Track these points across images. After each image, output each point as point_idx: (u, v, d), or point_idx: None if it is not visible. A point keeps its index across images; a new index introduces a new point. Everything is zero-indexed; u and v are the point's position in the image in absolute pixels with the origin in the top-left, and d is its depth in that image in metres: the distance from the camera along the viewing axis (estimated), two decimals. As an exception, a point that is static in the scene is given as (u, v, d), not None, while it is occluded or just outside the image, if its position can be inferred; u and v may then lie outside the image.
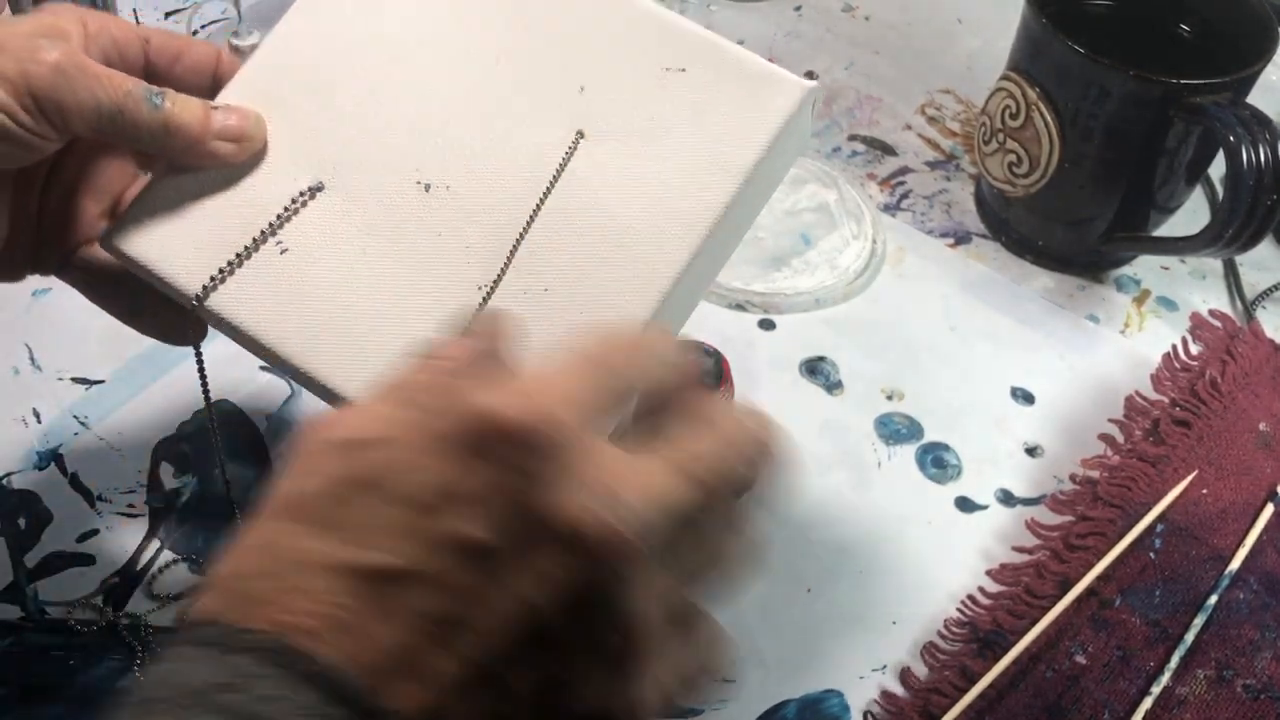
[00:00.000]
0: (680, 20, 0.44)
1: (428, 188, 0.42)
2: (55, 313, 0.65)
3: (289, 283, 0.42)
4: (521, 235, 0.41)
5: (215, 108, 0.42)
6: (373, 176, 0.42)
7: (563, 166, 0.42)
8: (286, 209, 0.42)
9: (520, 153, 0.42)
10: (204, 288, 0.42)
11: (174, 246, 0.42)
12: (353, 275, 0.41)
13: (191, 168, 0.43)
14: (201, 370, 0.46)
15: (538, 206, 0.41)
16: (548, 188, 0.41)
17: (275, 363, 0.43)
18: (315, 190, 0.43)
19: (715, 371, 0.56)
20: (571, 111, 0.42)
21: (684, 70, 0.43)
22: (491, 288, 0.40)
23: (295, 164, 0.43)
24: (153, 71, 0.43)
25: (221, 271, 0.42)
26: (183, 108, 0.41)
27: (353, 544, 0.28)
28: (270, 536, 0.29)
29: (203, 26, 0.84)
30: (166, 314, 0.45)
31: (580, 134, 0.42)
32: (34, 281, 0.67)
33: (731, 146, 0.41)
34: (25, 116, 0.38)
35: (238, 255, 0.42)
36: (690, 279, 0.41)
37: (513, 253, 0.41)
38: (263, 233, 0.42)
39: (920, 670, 0.55)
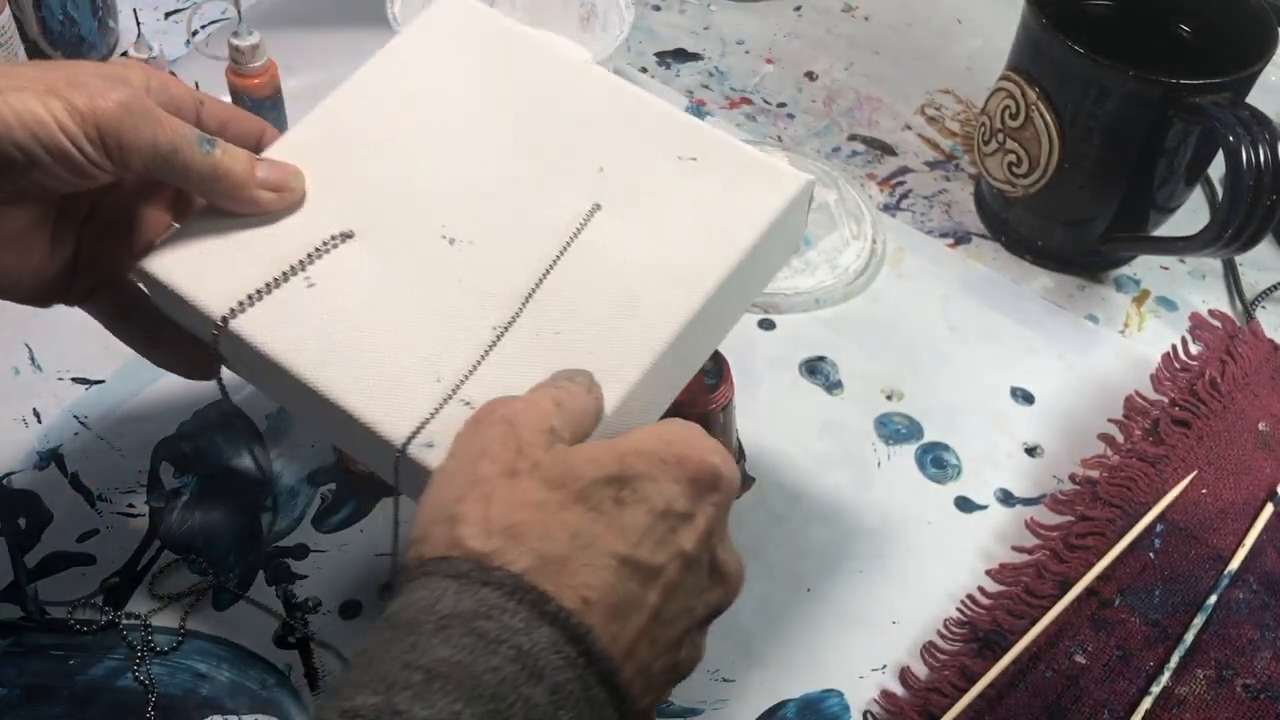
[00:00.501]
0: (694, 119, 0.49)
1: (452, 241, 0.46)
2: (55, 313, 0.65)
3: (312, 313, 0.44)
4: (537, 285, 0.44)
5: (260, 159, 0.46)
6: (401, 228, 0.46)
7: (578, 232, 0.45)
8: (317, 249, 0.45)
9: (541, 218, 0.46)
10: (231, 310, 0.44)
11: (204, 274, 0.45)
12: (374, 310, 0.44)
13: (230, 212, 0.46)
14: (223, 389, 0.48)
15: (553, 263, 0.45)
16: (563, 248, 0.45)
17: (290, 391, 0.44)
18: (346, 236, 0.46)
19: (715, 371, 0.56)
20: (590, 187, 0.47)
21: (695, 159, 0.47)
22: (505, 328, 0.43)
23: (329, 212, 0.46)
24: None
25: (250, 298, 0.44)
26: (231, 156, 0.45)
27: (625, 540, 0.36)
28: (570, 517, 0.36)
29: (203, 26, 0.84)
30: (184, 346, 0.48)
31: (597, 206, 0.46)
32: (34, 281, 0.67)
33: (734, 226, 0.46)
34: (88, 146, 0.41)
35: (266, 285, 0.44)
36: (689, 338, 0.44)
37: (527, 300, 0.44)
38: (292, 267, 0.45)
39: (920, 670, 0.55)
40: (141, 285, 0.47)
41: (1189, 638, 0.54)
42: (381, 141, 0.48)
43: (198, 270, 0.45)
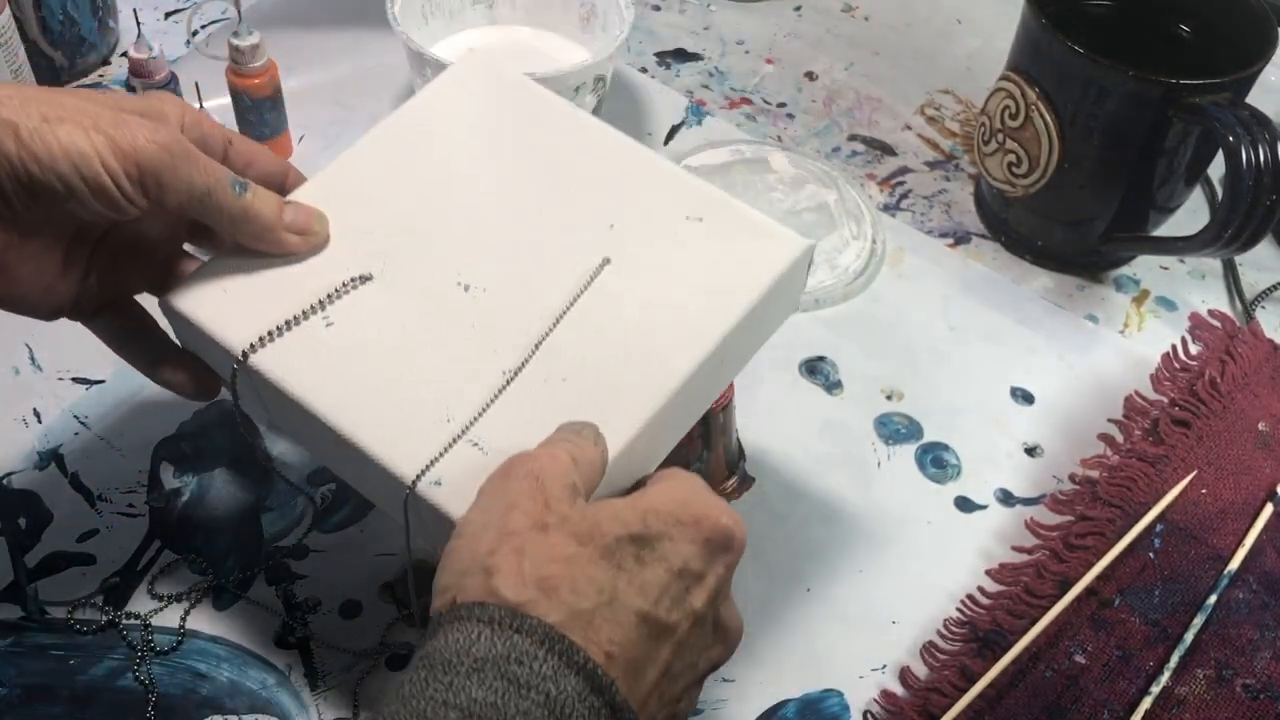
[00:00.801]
0: (702, 181, 0.51)
1: (467, 288, 0.47)
2: (55, 313, 0.65)
3: (330, 351, 0.45)
4: (547, 333, 0.46)
5: (288, 203, 0.47)
6: (419, 274, 0.48)
7: (588, 284, 0.47)
8: (337, 290, 0.47)
9: (553, 269, 0.48)
10: (251, 345, 0.45)
11: (226, 311, 0.46)
12: (389, 351, 0.46)
13: (256, 252, 0.47)
14: (237, 406, 0.48)
15: (564, 312, 0.46)
16: (574, 299, 0.47)
17: (304, 426, 0.45)
18: (364, 278, 0.47)
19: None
20: (601, 242, 0.48)
21: (701, 220, 0.49)
22: (516, 372, 0.45)
23: (349, 255, 0.48)
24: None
25: (270, 334, 0.45)
26: (262, 199, 0.46)
27: (645, 597, 0.37)
28: (597, 573, 0.37)
29: (203, 26, 0.84)
30: (186, 365, 0.49)
31: (607, 260, 0.48)
32: (34, 281, 0.67)
33: (738, 284, 0.47)
34: (127, 184, 0.42)
35: (286, 322, 0.46)
36: (691, 389, 0.46)
37: (537, 346, 0.45)
38: (312, 306, 0.46)
39: (920, 670, 0.55)
40: (166, 319, 0.48)
41: (1189, 638, 0.54)
42: (401, 190, 0.50)
43: (221, 307, 0.46)
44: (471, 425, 0.44)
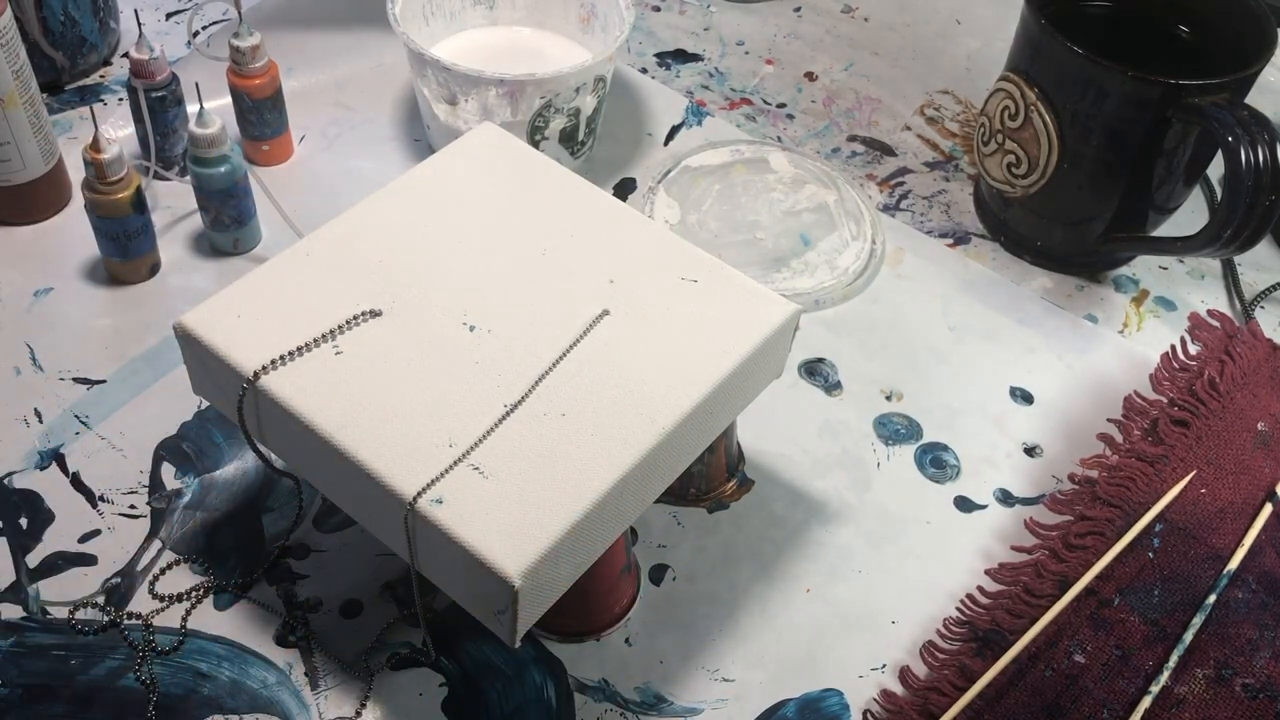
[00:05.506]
0: (698, 248, 0.54)
1: (472, 329, 0.49)
2: (56, 313, 0.65)
3: (337, 378, 0.47)
4: (546, 373, 0.48)
5: None
6: (426, 313, 0.50)
7: (587, 331, 0.50)
8: (347, 323, 0.49)
9: (555, 317, 0.50)
10: (263, 367, 0.47)
11: (238, 336, 0.48)
12: (396, 380, 0.47)
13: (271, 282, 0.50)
14: (245, 429, 0.49)
15: (563, 354, 0.49)
16: (573, 343, 0.49)
17: (308, 449, 0.47)
18: (374, 314, 0.49)
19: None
20: (601, 295, 0.51)
21: (696, 281, 0.52)
22: (516, 406, 0.47)
23: (359, 292, 0.50)
24: None
25: (280, 359, 0.47)
26: None
27: None
28: None
29: (204, 27, 0.84)
30: None
31: (606, 311, 0.50)
32: (35, 281, 0.67)
33: (729, 340, 0.50)
34: None
35: (297, 348, 0.48)
36: (682, 435, 0.48)
37: (537, 383, 0.47)
38: (323, 335, 0.48)
39: (919, 669, 0.55)
40: (178, 342, 0.50)
41: (1188, 637, 0.54)
42: (413, 237, 0.53)
43: (233, 332, 0.48)
44: (472, 450, 0.45)
